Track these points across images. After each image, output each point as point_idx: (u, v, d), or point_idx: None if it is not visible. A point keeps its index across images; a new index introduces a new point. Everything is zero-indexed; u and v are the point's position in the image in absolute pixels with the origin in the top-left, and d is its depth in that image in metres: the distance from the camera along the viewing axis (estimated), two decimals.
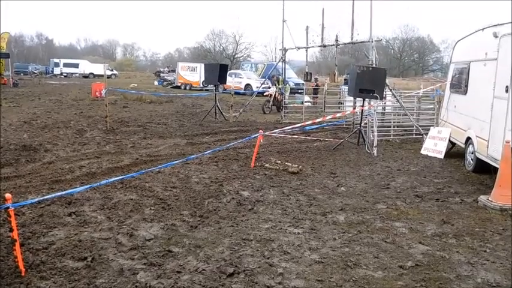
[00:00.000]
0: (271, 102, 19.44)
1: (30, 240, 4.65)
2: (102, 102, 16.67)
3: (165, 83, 39.93)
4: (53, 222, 5.17)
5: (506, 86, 7.25)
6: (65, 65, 56.31)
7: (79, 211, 5.59)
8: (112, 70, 56.88)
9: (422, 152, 10.66)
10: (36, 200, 5.10)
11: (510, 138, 6.69)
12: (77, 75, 54.81)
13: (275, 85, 19.73)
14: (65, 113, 15.70)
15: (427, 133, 11.07)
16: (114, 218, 5.42)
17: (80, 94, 24.74)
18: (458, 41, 10.61)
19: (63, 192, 5.40)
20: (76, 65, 57.11)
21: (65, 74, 54.30)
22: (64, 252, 4.41)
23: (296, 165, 8.43)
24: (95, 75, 52.92)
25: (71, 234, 4.86)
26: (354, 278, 4.08)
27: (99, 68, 52.61)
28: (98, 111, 16.20)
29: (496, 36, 7.85)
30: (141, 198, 6.25)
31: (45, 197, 5.55)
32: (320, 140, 11.89)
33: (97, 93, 22.75)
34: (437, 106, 13.68)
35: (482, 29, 8.76)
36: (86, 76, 53.90)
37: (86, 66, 57.16)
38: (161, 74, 45.44)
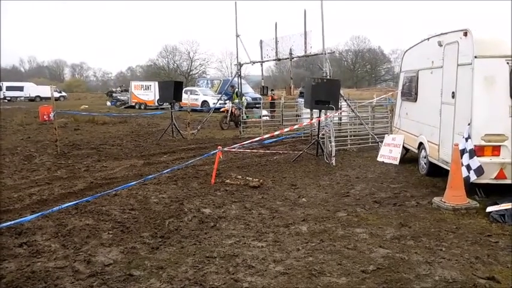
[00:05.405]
0: (228, 118, 19.33)
1: None
2: (51, 126, 16.02)
3: (118, 103, 39.00)
4: (2, 255, 4.84)
5: (453, 92, 7.62)
6: (8, 88, 53.29)
7: (31, 241, 5.28)
8: (60, 92, 54.70)
9: (379, 159, 10.98)
10: None
11: (458, 141, 7.03)
12: (22, 98, 52.16)
13: (232, 98, 19.64)
14: (10, 139, 14.91)
15: (382, 141, 11.42)
16: (70, 245, 5.16)
17: (26, 118, 23.63)
18: (406, 51, 11.05)
19: (12, 222, 5.10)
20: (20, 88, 54.19)
21: (9, 98, 51.50)
22: (16, 285, 4.14)
23: (257, 179, 8.43)
24: (41, 98, 50.40)
25: (23, 265, 4.58)
26: (318, 286, 4.10)
27: (46, 90, 49.06)
28: (47, 136, 15.54)
29: (440, 45, 8.22)
30: (98, 222, 6.00)
31: None
32: (279, 153, 11.98)
33: (45, 117, 21.84)
34: (390, 114, 14.18)
35: (428, 39, 9.17)
36: (32, 99, 51.29)
37: (31, 89, 54.29)
38: (114, 94, 44.30)
